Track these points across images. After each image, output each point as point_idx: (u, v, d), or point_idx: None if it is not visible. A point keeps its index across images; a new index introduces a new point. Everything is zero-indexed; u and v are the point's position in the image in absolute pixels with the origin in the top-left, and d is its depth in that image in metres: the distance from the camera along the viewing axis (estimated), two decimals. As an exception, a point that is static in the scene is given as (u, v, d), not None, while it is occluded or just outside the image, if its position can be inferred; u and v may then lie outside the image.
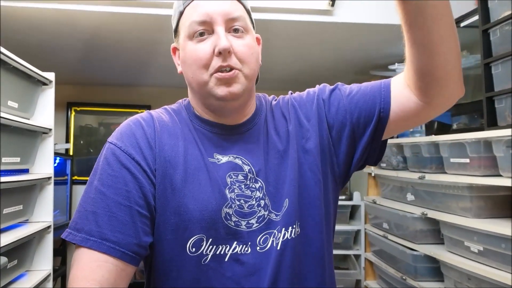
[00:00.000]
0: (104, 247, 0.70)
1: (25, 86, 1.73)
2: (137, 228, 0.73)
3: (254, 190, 0.80)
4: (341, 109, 0.86)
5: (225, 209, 0.78)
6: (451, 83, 0.77)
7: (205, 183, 0.78)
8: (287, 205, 0.81)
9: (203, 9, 0.77)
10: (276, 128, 0.87)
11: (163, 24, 1.90)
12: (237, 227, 0.78)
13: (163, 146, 0.79)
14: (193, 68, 0.79)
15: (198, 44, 0.78)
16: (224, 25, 0.77)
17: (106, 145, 0.80)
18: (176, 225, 0.76)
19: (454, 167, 1.75)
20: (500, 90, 1.52)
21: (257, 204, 0.80)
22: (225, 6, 0.78)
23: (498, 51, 1.54)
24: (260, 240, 0.78)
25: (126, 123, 0.82)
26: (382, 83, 0.87)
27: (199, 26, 0.77)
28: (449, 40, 0.72)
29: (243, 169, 0.81)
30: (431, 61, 0.74)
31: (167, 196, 0.77)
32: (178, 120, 0.85)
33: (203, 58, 0.77)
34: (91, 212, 0.73)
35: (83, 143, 3.50)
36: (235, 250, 0.77)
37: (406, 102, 0.81)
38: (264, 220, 0.80)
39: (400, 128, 0.87)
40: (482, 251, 1.57)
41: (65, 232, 0.74)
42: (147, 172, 0.76)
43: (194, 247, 0.76)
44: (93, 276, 0.69)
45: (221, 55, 0.76)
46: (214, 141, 0.83)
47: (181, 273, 0.77)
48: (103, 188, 0.74)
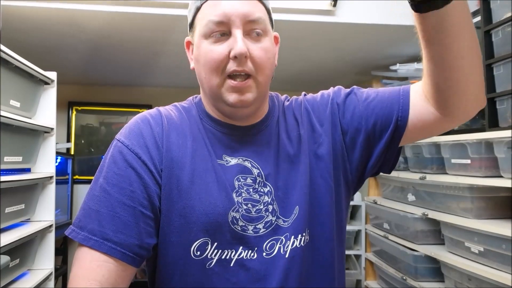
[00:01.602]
0: (105, 247, 0.70)
1: (27, 86, 1.73)
2: (140, 229, 0.73)
3: (263, 195, 0.79)
4: (357, 115, 0.83)
5: (232, 213, 0.76)
6: (471, 97, 0.74)
7: (212, 186, 0.76)
8: (297, 213, 0.78)
9: (221, 9, 0.73)
10: (287, 131, 0.85)
11: (166, 24, 1.90)
12: (244, 232, 0.76)
13: (170, 146, 0.77)
14: (206, 69, 0.76)
15: (213, 45, 0.75)
16: (242, 27, 0.74)
17: (113, 142, 0.79)
18: (181, 227, 0.75)
19: (455, 168, 1.75)
20: (501, 91, 1.52)
21: (265, 209, 0.78)
22: (244, 7, 0.74)
23: (500, 52, 1.54)
24: (266, 246, 0.77)
25: (134, 120, 0.81)
26: (401, 90, 0.83)
27: (216, 26, 0.74)
28: (470, 55, 0.69)
29: (252, 172, 0.79)
30: (450, 76, 0.71)
31: (173, 197, 0.75)
32: (188, 118, 0.83)
33: (217, 60, 0.74)
34: (94, 211, 0.72)
35: (84, 142, 3.51)
36: (240, 255, 0.75)
37: (425, 112, 0.78)
38: (271, 226, 0.78)
39: (415, 137, 0.84)
40: (482, 252, 1.57)
41: (68, 229, 0.74)
42: (153, 173, 0.75)
43: (198, 251, 0.75)
44: (94, 276, 0.69)
45: (236, 59, 0.73)
46: (223, 141, 0.81)
47: (185, 276, 0.76)
48: (108, 186, 0.73)
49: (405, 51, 2.32)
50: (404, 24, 1.90)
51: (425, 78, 0.76)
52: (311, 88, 3.64)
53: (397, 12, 1.90)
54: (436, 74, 0.72)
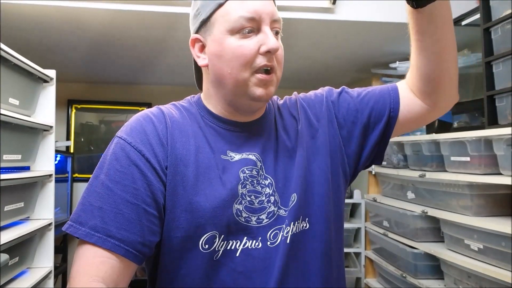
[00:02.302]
0: (108, 244, 0.70)
1: (26, 84, 1.73)
2: (143, 226, 0.73)
3: (264, 187, 0.81)
4: (352, 109, 0.89)
5: (236, 205, 0.78)
6: (453, 87, 0.85)
7: (217, 181, 0.78)
8: (295, 200, 0.81)
9: (252, 6, 0.76)
10: (285, 127, 0.88)
11: (167, 22, 1.89)
12: (247, 222, 0.78)
13: (175, 144, 0.78)
14: (234, 64, 0.77)
15: (242, 40, 0.76)
16: (270, 25, 0.78)
17: (114, 139, 0.78)
18: (187, 223, 0.76)
19: (455, 166, 1.75)
20: (501, 88, 1.52)
21: (267, 200, 0.80)
22: (270, 7, 0.79)
23: (499, 50, 1.54)
24: (270, 235, 0.79)
25: (135, 118, 0.81)
26: (390, 86, 0.91)
27: (247, 22, 0.76)
28: (453, 45, 0.81)
29: (256, 164, 0.81)
30: (439, 67, 0.81)
31: (177, 193, 0.76)
32: (188, 116, 0.84)
33: (248, 55, 0.76)
34: (97, 208, 0.72)
35: (84, 140, 3.51)
36: (246, 245, 0.77)
37: (413, 104, 0.88)
38: (274, 216, 0.80)
39: (405, 129, 0.92)
40: (482, 249, 1.57)
41: (66, 224, 0.74)
42: (156, 170, 0.75)
43: (207, 244, 0.76)
44: (96, 272, 0.69)
45: (267, 55, 0.76)
46: (227, 138, 0.83)
47: (191, 270, 0.76)
48: (110, 183, 0.73)
49: (404, 48, 2.32)
50: (404, 22, 1.89)
51: (414, 72, 0.85)
52: (311, 85, 3.63)
53: (397, 10, 1.90)
54: (426, 66, 0.82)
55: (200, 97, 0.88)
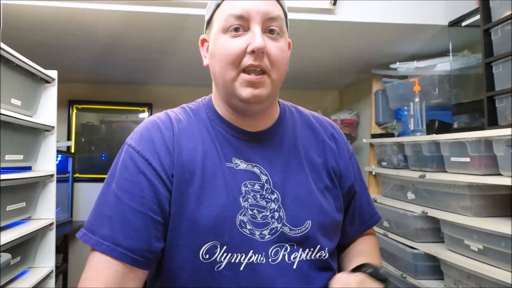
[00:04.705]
0: (115, 252, 0.71)
1: (28, 84, 1.73)
2: (150, 234, 0.74)
3: (270, 201, 0.79)
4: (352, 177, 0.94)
5: (240, 216, 0.77)
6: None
7: (221, 190, 0.77)
8: (309, 227, 0.80)
9: (242, 4, 0.76)
10: (304, 144, 0.88)
11: (172, 23, 1.90)
12: (252, 235, 0.77)
13: (181, 151, 0.78)
14: (222, 62, 0.77)
15: (231, 39, 0.76)
16: (261, 24, 0.76)
17: (124, 146, 0.80)
18: (190, 231, 0.76)
19: (455, 166, 1.76)
20: (501, 89, 1.52)
21: (271, 216, 0.79)
22: (265, 5, 0.76)
23: (499, 51, 1.54)
24: (271, 252, 0.78)
25: (145, 125, 0.82)
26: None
27: (236, 20, 0.75)
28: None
29: (260, 179, 0.80)
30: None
31: (183, 201, 0.76)
32: (196, 120, 0.84)
33: (234, 54, 0.75)
34: (107, 216, 0.73)
35: (85, 140, 3.51)
36: (251, 260, 0.76)
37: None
38: (277, 233, 0.79)
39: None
40: (482, 250, 1.58)
41: (80, 232, 0.75)
42: (163, 178, 0.76)
43: (207, 254, 0.75)
44: (103, 278, 0.70)
45: (253, 54, 0.74)
46: (234, 145, 0.82)
47: (192, 279, 0.76)
48: (119, 192, 0.74)
49: (405, 49, 2.32)
50: (404, 23, 1.90)
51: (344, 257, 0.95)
52: (312, 86, 3.65)
53: (397, 11, 1.90)
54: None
55: (211, 98, 0.88)
